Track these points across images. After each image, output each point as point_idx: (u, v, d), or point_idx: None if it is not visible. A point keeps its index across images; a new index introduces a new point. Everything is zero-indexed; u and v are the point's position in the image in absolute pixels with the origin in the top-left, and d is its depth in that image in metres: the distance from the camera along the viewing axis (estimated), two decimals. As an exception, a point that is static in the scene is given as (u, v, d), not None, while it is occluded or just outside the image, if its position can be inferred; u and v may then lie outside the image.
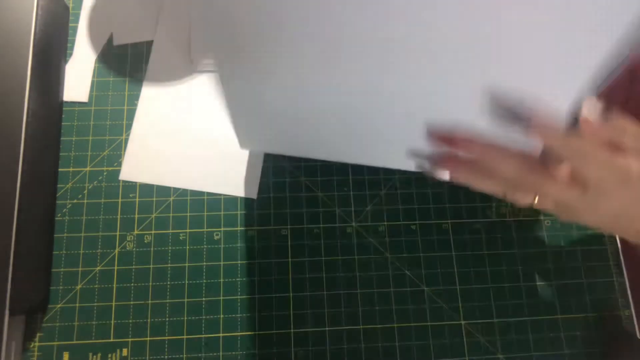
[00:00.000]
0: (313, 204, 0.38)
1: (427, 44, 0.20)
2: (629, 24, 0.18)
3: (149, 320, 0.35)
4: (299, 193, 0.38)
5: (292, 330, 0.35)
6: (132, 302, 0.35)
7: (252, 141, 0.31)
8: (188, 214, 0.37)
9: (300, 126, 0.27)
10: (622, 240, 0.39)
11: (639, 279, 0.38)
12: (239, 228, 0.37)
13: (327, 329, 0.35)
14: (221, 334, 0.34)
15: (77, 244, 0.36)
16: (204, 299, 0.35)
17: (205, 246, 0.36)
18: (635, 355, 0.35)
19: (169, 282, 0.35)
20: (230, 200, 0.37)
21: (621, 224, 0.28)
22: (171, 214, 0.37)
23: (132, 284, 0.35)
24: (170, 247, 0.36)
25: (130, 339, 0.34)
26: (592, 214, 0.27)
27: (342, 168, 0.39)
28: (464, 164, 0.27)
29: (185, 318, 0.35)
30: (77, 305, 0.35)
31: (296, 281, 0.36)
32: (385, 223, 0.38)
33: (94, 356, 0.34)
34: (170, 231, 0.37)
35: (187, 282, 0.35)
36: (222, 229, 0.37)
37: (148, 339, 0.34)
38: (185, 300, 0.35)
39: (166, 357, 0.34)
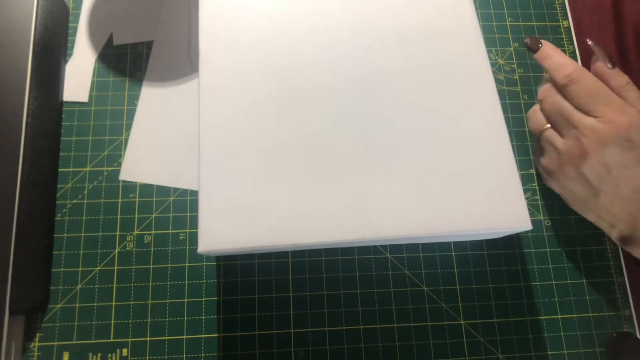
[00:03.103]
0: (313, 204, 0.38)
1: None
2: None
3: (149, 320, 0.35)
4: (299, 193, 0.38)
5: (292, 331, 0.35)
6: (132, 302, 0.35)
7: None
8: (188, 214, 0.37)
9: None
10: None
11: (639, 279, 0.38)
12: (239, 228, 0.37)
13: (327, 329, 0.35)
14: (221, 334, 0.34)
15: (77, 244, 0.36)
16: (204, 299, 0.35)
17: (205, 246, 0.36)
18: (635, 355, 0.35)
19: (169, 282, 0.35)
20: (230, 200, 0.37)
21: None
22: (171, 214, 0.37)
23: (132, 284, 0.35)
24: (170, 247, 0.36)
25: (130, 339, 0.34)
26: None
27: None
28: None
29: (185, 318, 0.35)
30: (77, 305, 0.35)
31: (296, 281, 0.36)
32: (385, 223, 0.38)
33: (94, 356, 0.34)
34: (170, 231, 0.37)
35: (187, 282, 0.35)
36: (222, 229, 0.37)
37: (148, 339, 0.34)
38: (185, 300, 0.35)
39: (166, 357, 0.34)
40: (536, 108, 0.36)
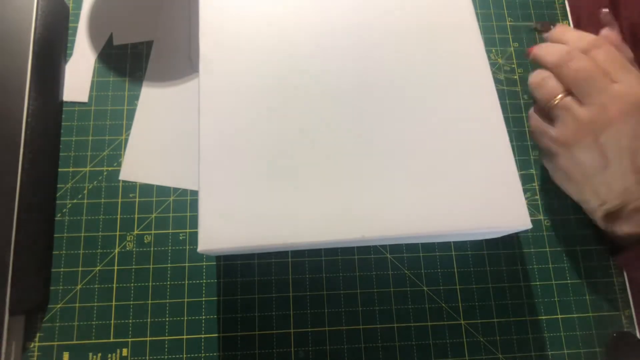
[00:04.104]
0: (313, 204, 0.38)
1: None
2: None
3: (149, 320, 0.35)
4: (299, 193, 0.38)
5: (292, 330, 0.35)
6: (132, 302, 0.35)
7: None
8: (188, 214, 0.37)
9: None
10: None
11: (639, 279, 0.38)
12: (239, 228, 0.37)
13: (327, 329, 0.35)
14: (221, 334, 0.34)
15: (77, 244, 0.36)
16: (204, 299, 0.35)
17: (205, 246, 0.36)
18: (635, 355, 0.35)
19: (169, 282, 0.35)
20: (230, 200, 0.37)
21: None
22: (171, 214, 0.37)
23: (132, 284, 0.35)
24: (170, 247, 0.36)
25: (130, 339, 0.34)
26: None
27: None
28: None
29: (185, 318, 0.35)
30: (77, 305, 0.35)
31: (296, 281, 0.36)
32: (385, 223, 0.38)
33: (94, 356, 0.34)
34: (170, 231, 0.37)
35: (187, 282, 0.35)
36: (222, 229, 0.37)
37: (148, 339, 0.34)
38: (185, 300, 0.35)
39: (166, 357, 0.34)
40: (545, 76, 0.34)
